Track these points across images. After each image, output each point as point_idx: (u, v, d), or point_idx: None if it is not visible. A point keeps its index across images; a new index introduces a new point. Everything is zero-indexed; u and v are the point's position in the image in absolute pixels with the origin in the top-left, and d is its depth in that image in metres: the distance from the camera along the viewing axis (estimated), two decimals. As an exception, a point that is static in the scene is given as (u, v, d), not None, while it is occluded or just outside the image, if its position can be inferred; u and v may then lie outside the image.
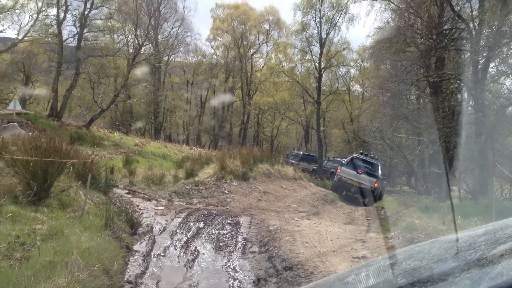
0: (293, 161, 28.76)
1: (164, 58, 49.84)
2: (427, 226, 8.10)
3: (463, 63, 20.19)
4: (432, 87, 24.71)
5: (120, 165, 17.13)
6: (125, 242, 6.25)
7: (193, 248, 6.86)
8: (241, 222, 8.72)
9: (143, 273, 5.47)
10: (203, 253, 6.70)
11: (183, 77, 52.94)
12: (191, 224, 8.27)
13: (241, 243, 7.36)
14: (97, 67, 32.02)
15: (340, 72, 44.80)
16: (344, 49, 37.34)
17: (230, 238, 7.60)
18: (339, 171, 21.20)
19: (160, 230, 7.68)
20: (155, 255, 6.37)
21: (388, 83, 27.74)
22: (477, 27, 18.46)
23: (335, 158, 34.25)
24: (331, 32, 34.75)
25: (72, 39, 31.66)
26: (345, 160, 31.65)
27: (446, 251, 1.58)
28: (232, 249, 7.01)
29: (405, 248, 2.03)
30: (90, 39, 32.54)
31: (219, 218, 8.90)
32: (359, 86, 47.45)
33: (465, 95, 20.96)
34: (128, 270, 5.36)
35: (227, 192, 12.88)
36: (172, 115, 50.12)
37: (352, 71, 45.56)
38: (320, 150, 33.92)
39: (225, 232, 7.99)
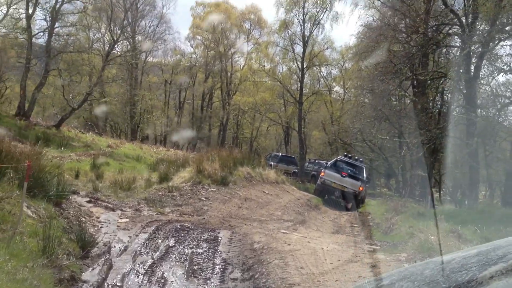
0: (272, 163, 27.65)
1: (142, 57, 48.26)
2: (444, 243, 6.92)
3: (454, 61, 19.29)
4: (416, 87, 23.81)
5: (87, 168, 15.67)
6: (70, 271, 4.89)
7: (160, 274, 5.55)
8: (219, 238, 7.39)
9: (88, 316, 4.14)
10: (172, 281, 5.38)
11: (161, 77, 51.35)
12: (160, 241, 6.91)
13: (220, 266, 6.04)
14: (68, 64, 30.28)
15: (321, 73, 43.87)
16: (327, 48, 36.35)
17: (206, 260, 6.28)
18: (322, 174, 20.23)
19: (120, 250, 6.31)
20: (110, 286, 5.03)
21: (373, 83, 26.82)
22: (470, 23, 17.51)
23: (316, 161, 33.30)
24: (315, 30, 33.70)
25: (42, 34, 30.00)
26: (328, 162, 30.81)
27: (439, 273, 1.59)
28: (208, 275, 5.71)
29: (399, 269, 2.06)
30: (62, 35, 30.86)
31: (193, 233, 7.55)
32: (339, 87, 46.54)
33: (454, 95, 20.07)
34: (68, 313, 4.02)
35: (204, 199, 11.56)
36: (150, 115, 48.35)
37: (333, 71, 44.66)
38: (302, 152, 32.84)
39: (200, 251, 6.66)
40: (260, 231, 8.21)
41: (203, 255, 6.47)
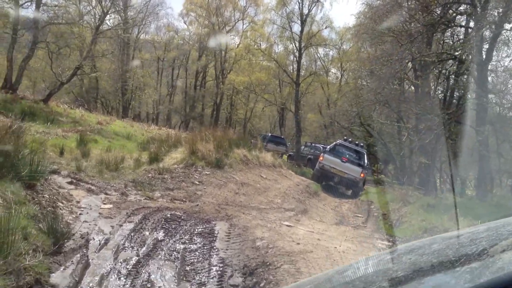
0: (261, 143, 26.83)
1: (134, 33, 46.84)
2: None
3: (465, 42, 18.29)
4: (420, 70, 22.86)
5: (73, 145, 14.63)
6: (34, 273, 3.92)
7: (146, 277, 4.58)
8: (216, 232, 6.37)
9: None
10: (160, 286, 4.44)
11: (154, 54, 49.99)
12: (147, 233, 5.91)
13: (217, 268, 5.03)
14: (57, 36, 28.86)
15: (318, 54, 42.70)
16: (326, 27, 35.08)
17: (201, 259, 5.29)
18: (321, 158, 19.37)
19: (100, 243, 5.30)
20: (83, 293, 4.07)
21: (374, 65, 25.83)
22: (482, 1, 16.45)
23: (312, 144, 32.43)
24: (314, 8, 32.31)
25: (29, 4, 28.58)
26: (324, 146, 30.05)
27: (447, 247, 1.58)
28: (203, 279, 4.73)
29: (406, 244, 2.04)
30: (51, 5, 29.40)
31: (186, 224, 6.55)
32: (335, 70, 45.47)
33: (464, 78, 19.11)
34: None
35: (197, 182, 10.58)
36: (141, 93, 47.17)
37: (331, 53, 43.51)
38: (298, 135, 31.86)
39: (194, 247, 5.66)
40: (261, 224, 7.24)
41: (197, 253, 5.48)
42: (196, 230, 6.29)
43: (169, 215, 6.76)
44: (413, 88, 29.84)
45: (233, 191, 10.64)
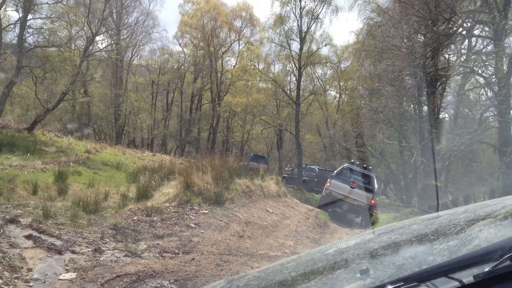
0: (245, 162, 25.40)
1: (127, 56, 45.53)
2: None
3: (481, 55, 16.82)
4: (427, 87, 21.44)
5: (51, 180, 12.80)
6: None
7: None
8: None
9: None
10: None
11: (148, 77, 48.66)
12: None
13: None
14: (42, 60, 27.19)
15: (316, 73, 41.30)
16: (326, 45, 33.65)
17: None
18: (328, 184, 17.88)
19: None
20: None
21: (379, 83, 24.42)
22: (502, 9, 14.95)
23: (307, 166, 30.93)
24: (313, 25, 30.89)
25: (13, 26, 27.10)
26: (322, 168, 28.55)
27: (426, 227, 1.64)
28: None
29: (386, 225, 2.01)
30: (36, 28, 27.83)
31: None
32: (333, 89, 44.03)
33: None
34: None
35: (193, 225, 8.77)
36: (135, 118, 45.61)
37: (329, 72, 42.15)
38: (299, 157, 30.11)
39: None
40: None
41: None
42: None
43: (153, 290, 4.89)
44: (412, 106, 28.56)
45: (236, 233, 8.84)
